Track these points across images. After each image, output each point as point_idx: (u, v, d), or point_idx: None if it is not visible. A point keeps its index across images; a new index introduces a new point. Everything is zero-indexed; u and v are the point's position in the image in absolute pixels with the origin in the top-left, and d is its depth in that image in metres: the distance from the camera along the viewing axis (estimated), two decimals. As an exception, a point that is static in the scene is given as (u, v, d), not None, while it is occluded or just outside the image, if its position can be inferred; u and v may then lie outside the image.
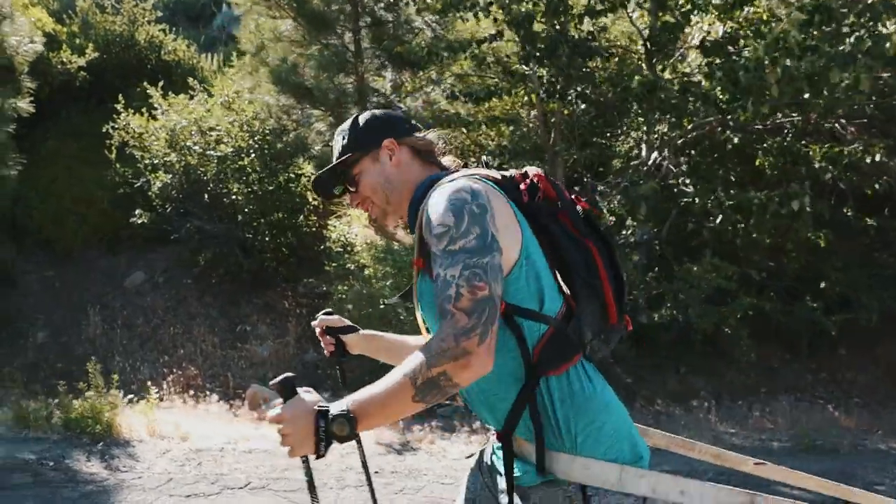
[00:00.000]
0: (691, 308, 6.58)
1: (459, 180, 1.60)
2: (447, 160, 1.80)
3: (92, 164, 9.74)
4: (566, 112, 7.90)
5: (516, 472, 1.64)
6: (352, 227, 9.29)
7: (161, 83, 9.28)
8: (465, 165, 1.80)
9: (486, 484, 1.81)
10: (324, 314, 2.13)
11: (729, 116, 6.70)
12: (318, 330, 2.11)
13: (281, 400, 1.50)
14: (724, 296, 6.96)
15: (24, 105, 8.24)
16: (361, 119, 1.81)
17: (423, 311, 1.70)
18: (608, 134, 8.60)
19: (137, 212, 8.72)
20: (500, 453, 1.69)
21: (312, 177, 1.95)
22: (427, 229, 1.56)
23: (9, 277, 8.21)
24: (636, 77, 6.97)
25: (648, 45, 7.44)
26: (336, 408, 1.45)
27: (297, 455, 1.49)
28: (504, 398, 1.62)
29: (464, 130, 8.11)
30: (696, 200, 6.93)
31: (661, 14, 7.47)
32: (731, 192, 6.88)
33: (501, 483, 1.67)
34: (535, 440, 1.59)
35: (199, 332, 8.06)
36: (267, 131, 8.33)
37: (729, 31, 7.09)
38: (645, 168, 7.71)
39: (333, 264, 8.80)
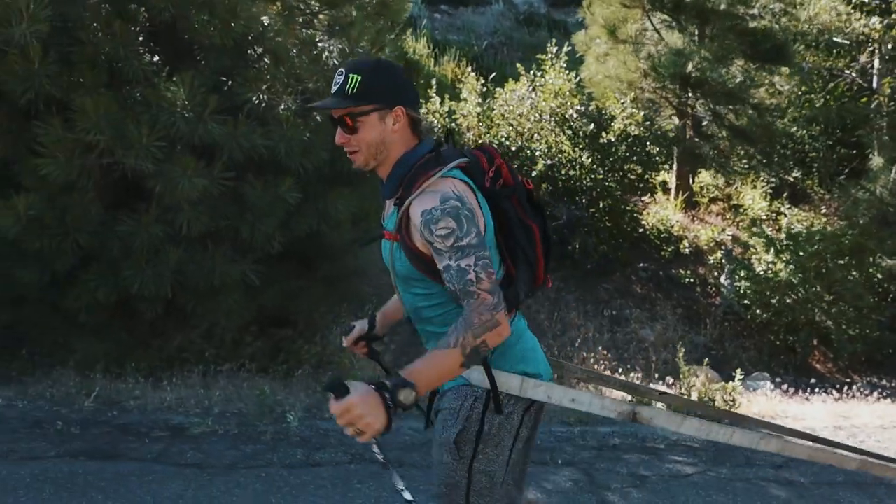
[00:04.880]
0: None
1: (444, 187, 1.88)
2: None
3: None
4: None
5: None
6: (669, 212, 9.51)
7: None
8: (443, 140, 2.07)
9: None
10: (343, 334, 2.44)
11: None
12: (347, 346, 2.45)
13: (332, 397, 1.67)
14: None
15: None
16: (384, 73, 1.98)
17: (396, 272, 2.02)
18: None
19: (478, 198, 8.72)
20: None
21: (314, 103, 2.30)
22: (426, 230, 1.85)
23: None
24: None
25: None
26: (393, 382, 1.69)
27: (372, 435, 1.68)
28: None
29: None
30: None
31: None
32: None
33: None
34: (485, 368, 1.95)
35: (573, 318, 8.16)
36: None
37: None
38: None
39: (669, 248, 9.02)
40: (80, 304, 5.91)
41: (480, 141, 9.01)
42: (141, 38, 5.69)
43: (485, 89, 9.25)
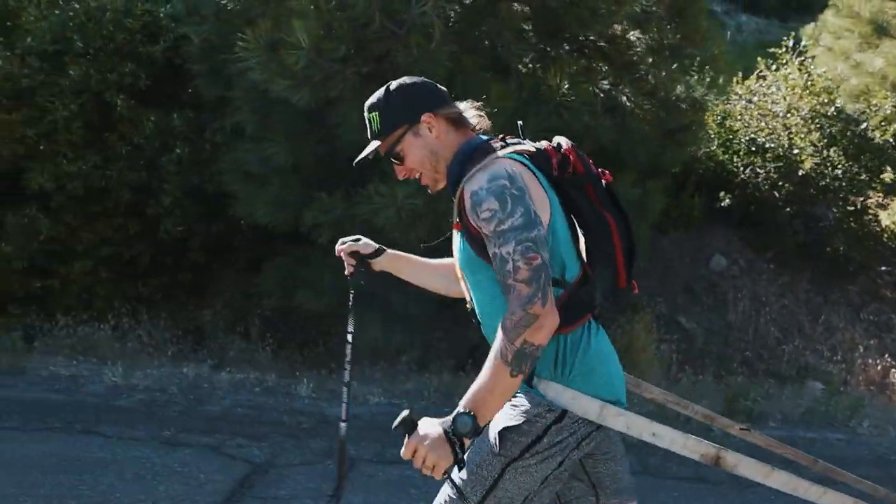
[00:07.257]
0: None
1: (496, 165, 1.77)
2: (471, 113, 1.97)
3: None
4: None
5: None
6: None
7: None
8: (504, 139, 1.93)
9: None
10: (352, 239, 2.25)
11: None
12: (343, 253, 2.25)
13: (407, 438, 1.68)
14: None
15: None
16: (394, 95, 1.92)
17: (460, 263, 1.93)
18: None
19: (721, 194, 8.53)
20: None
21: (356, 159, 2.05)
22: (473, 213, 1.75)
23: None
24: None
25: None
26: (453, 415, 1.65)
27: (444, 471, 1.66)
28: None
29: None
30: None
31: None
32: None
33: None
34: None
35: (836, 321, 7.91)
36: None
37: None
38: None
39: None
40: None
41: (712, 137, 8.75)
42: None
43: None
